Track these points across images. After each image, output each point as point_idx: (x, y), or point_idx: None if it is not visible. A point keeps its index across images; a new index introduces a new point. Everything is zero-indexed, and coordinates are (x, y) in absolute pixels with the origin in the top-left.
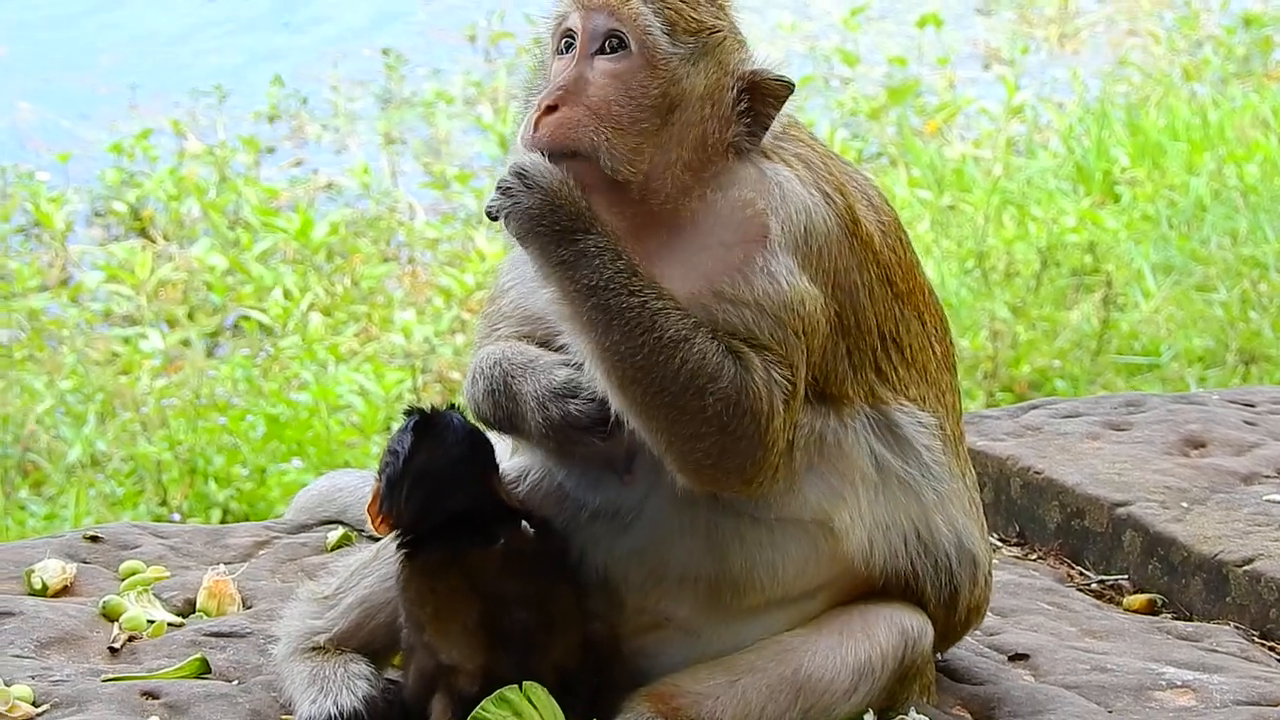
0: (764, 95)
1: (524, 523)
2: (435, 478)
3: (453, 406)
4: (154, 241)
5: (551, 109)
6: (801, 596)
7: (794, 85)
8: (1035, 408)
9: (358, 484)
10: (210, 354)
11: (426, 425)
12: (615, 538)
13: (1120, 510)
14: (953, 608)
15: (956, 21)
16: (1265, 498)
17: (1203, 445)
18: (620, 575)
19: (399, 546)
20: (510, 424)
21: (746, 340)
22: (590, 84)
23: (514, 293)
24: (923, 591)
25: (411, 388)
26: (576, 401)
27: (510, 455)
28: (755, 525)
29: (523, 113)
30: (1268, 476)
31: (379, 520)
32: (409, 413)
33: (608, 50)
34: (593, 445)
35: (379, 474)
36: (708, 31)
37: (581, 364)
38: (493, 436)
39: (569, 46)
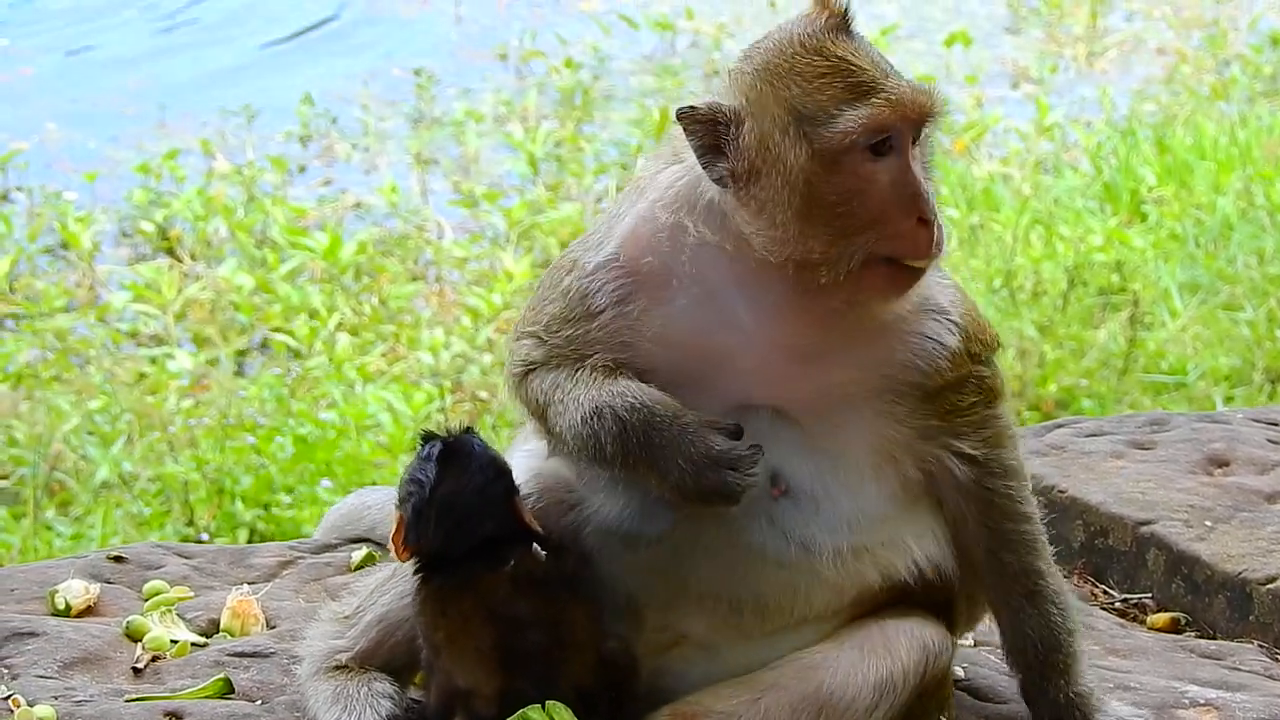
0: None
1: (535, 545)
2: (462, 506)
3: (469, 430)
4: (181, 261)
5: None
6: (829, 616)
7: None
8: (1060, 426)
9: (386, 501)
10: (238, 374)
11: (449, 453)
12: (641, 556)
13: (1144, 529)
14: (968, 602)
15: (985, 40)
16: None
17: (1226, 464)
18: (642, 593)
19: (415, 571)
20: (623, 465)
21: None
22: (922, 177)
23: (612, 321)
24: (949, 596)
25: (440, 408)
26: (734, 475)
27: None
28: (805, 552)
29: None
30: None
31: (404, 550)
32: (427, 439)
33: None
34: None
35: (401, 503)
36: None
37: (733, 429)
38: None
39: (890, 149)
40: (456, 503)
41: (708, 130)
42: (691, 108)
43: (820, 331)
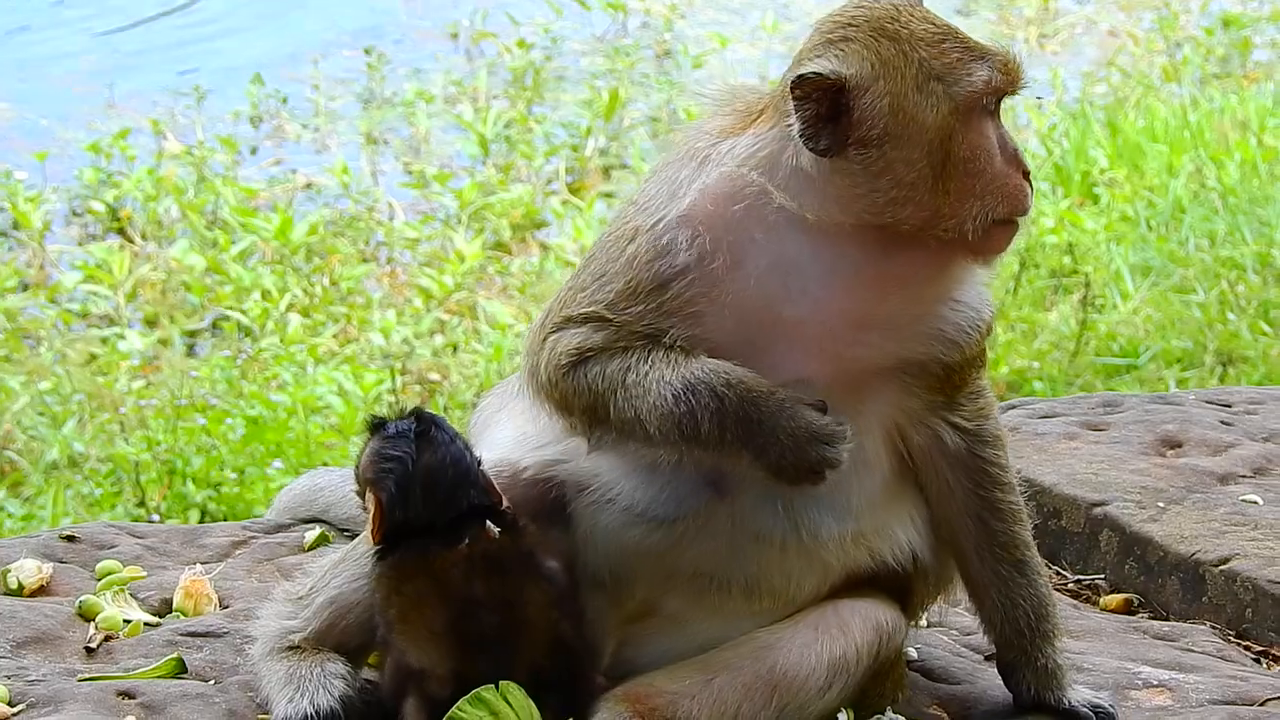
0: None
1: (489, 523)
2: (445, 479)
3: (423, 410)
4: (132, 241)
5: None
6: (812, 599)
7: None
8: (1013, 408)
9: (339, 483)
10: (189, 354)
11: (424, 429)
12: (641, 537)
13: (1097, 510)
14: (932, 585)
15: None
16: (1241, 498)
17: (1179, 445)
18: (637, 571)
19: (376, 549)
20: (718, 443)
21: None
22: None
23: (690, 285)
24: (906, 580)
25: (390, 389)
26: (833, 450)
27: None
28: (811, 538)
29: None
30: (1244, 476)
31: (380, 530)
32: (378, 424)
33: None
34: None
35: (376, 484)
36: None
37: (821, 405)
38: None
39: (996, 108)
40: (439, 475)
41: (827, 97)
42: (816, 73)
43: (884, 300)
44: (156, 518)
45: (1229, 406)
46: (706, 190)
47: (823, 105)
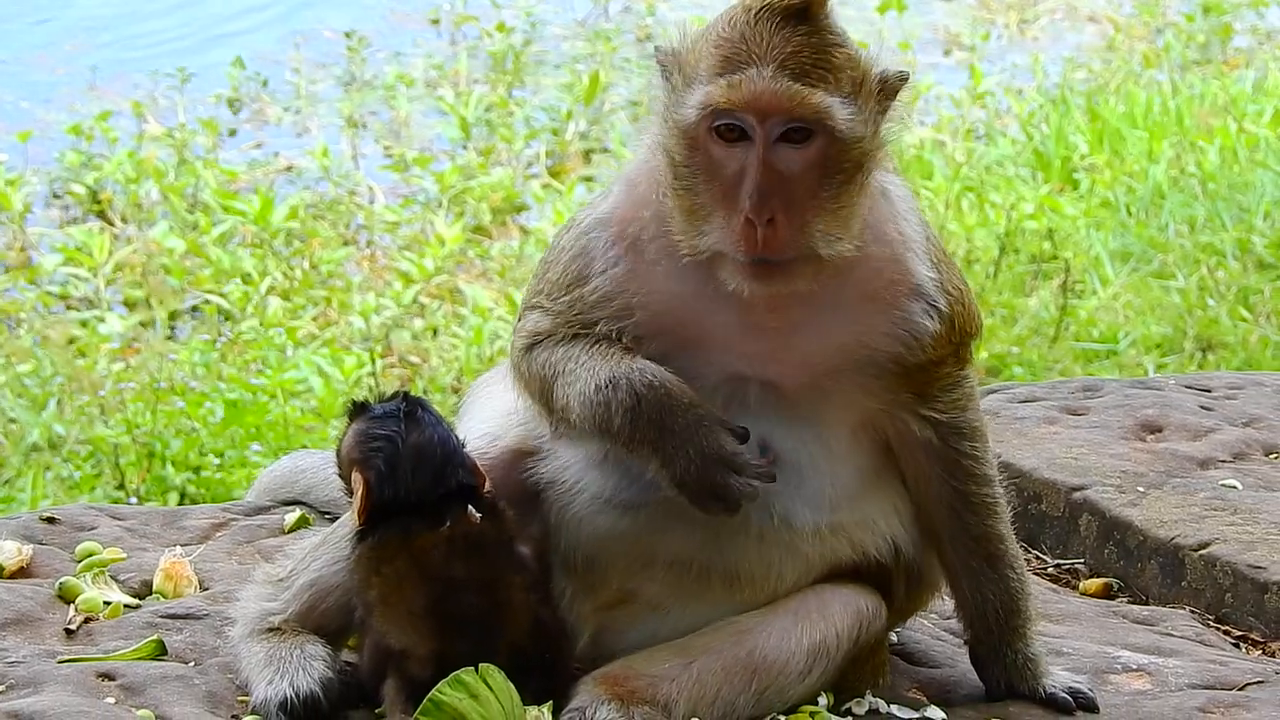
0: (889, 93)
1: (470, 506)
2: (433, 457)
3: (405, 393)
4: (112, 224)
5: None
6: (794, 590)
7: (908, 72)
8: (993, 392)
9: (320, 465)
10: (170, 337)
11: (410, 409)
12: (615, 522)
13: (1077, 495)
14: (912, 585)
15: (917, 6)
16: (1221, 482)
17: (1159, 430)
18: (610, 557)
19: (357, 531)
20: (628, 441)
21: None
22: (787, 176)
23: (607, 284)
24: (887, 571)
25: (370, 372)
26: (738, 479)
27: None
28: (786, 527)
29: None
30: (1223, 461)
31: (366, 510)
32: (359, 408)
33: (794, 141)
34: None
35: (363, 463)
36: (860, 68)
37: (744, 433)
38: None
39: (739, 136)
40: (427, 454)
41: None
42: (658, 46)
43: (787, 306)
44: (135, 500)
45: (1209, 391)
46: (624, 187)
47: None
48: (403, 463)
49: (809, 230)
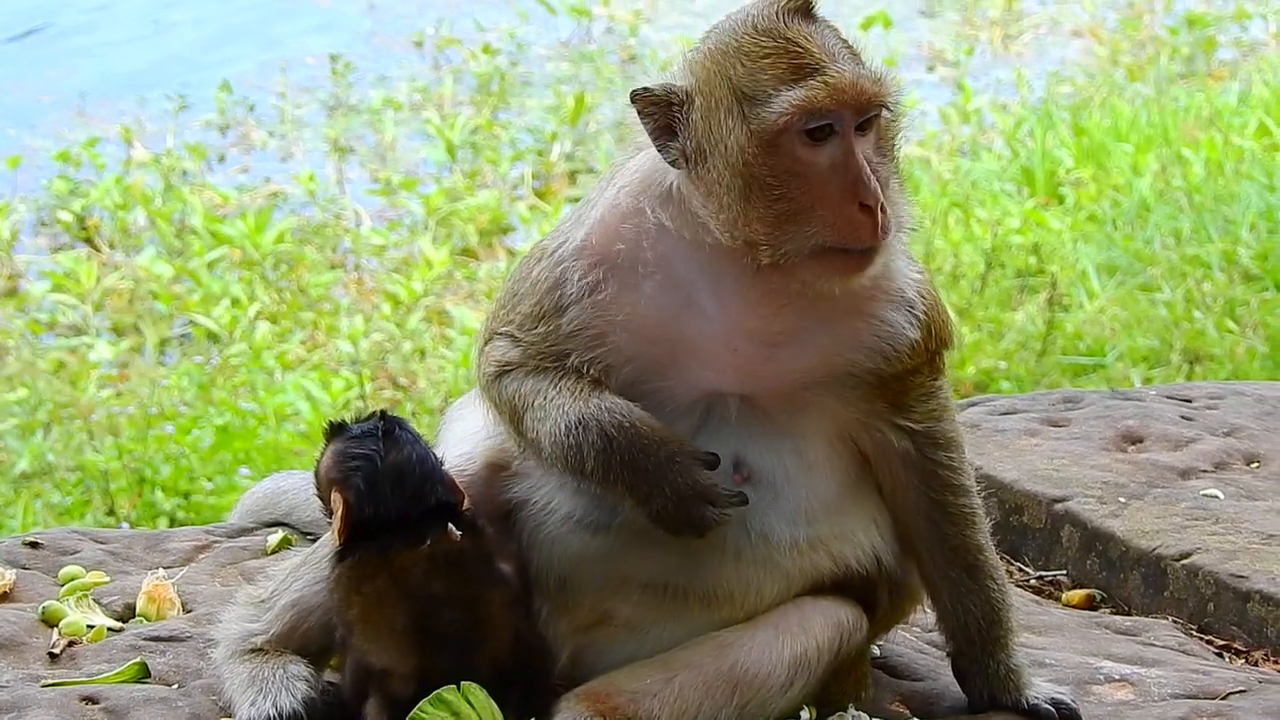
0: None
1: (450, 524)
2: (412, 474)
3: (383, 413)
4: (100, 250)
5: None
6: (770, 606)
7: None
8: (974, 405)
9: (302, 486)
10: (159, 363)
11: (388, 428)
12: (587, 542)
13: (1058, 506)
14: (894, 596)
15: (900, 24)
16: (1202, 492)
17: (1140, 441)
18: (583, 578)
19: (336, 550)
20: (601, 481)
21: None
22: (867, 163)
23: (583, 312)
24: (869, 583)
25: (359, 395)
26: (713, 510)
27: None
28: (764, 543)
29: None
30: (1205, 471)
31: (346, 529)
32: (338, 428)
33: (862, 130)
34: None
35: (343, 483)
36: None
37: (714, 461)
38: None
39: (828, 134)
40: (406, 472)
41: (661, 111)
42: (645, 89)
43: (781, 316)
44: (126, 526)
45: (1189, 402)
46: (599, 217)
47: (660, 119)
48: (382, 481)
49: (893, 211)
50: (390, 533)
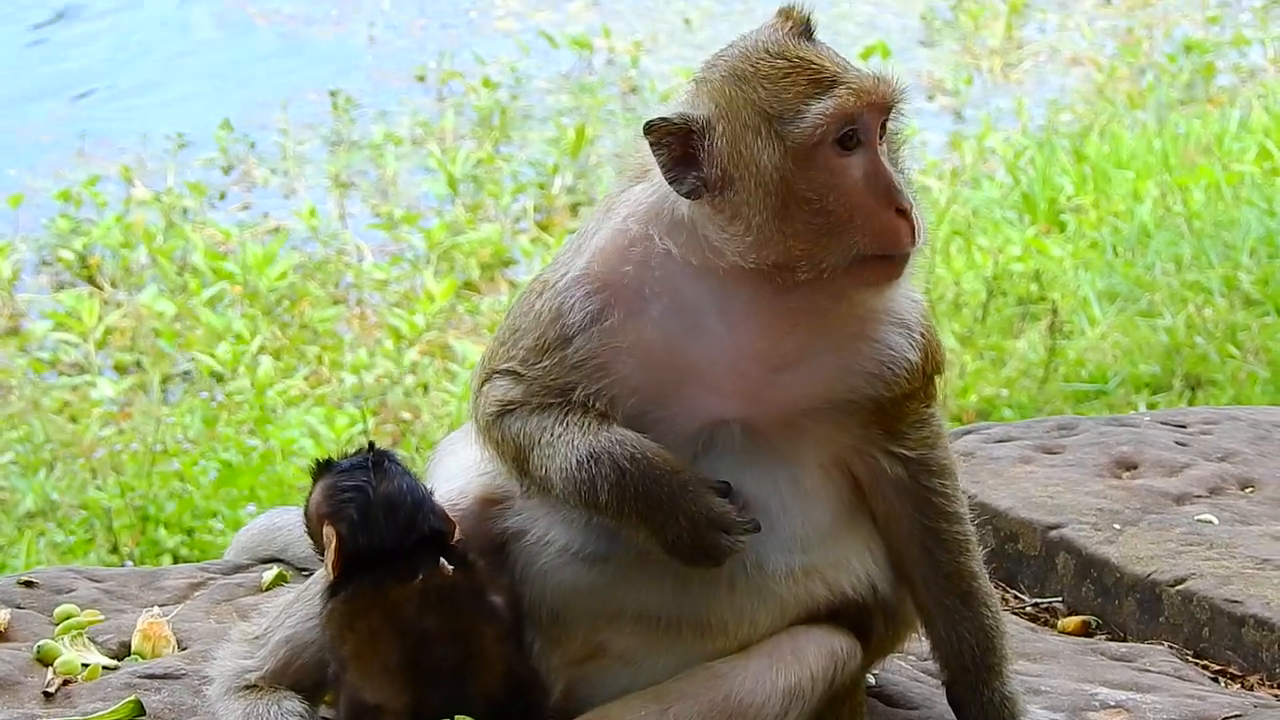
0: None
1: (442, 559)
2: (404, 505)
3: (371, 445)
4: (101, 289)
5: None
6: (764, 636)
7: None
8: (969, 433)
9: (296, 522)
10: (162, 400)
11: (377, 460)
12: (580, 574)
13: (1053, 533)
14: (890, 624)
15: (900, 53)
16: (1197, 518)
17: (1134, 467)
18: (576, 611)
19: (328, 586)
20: (616, 514)
21: None
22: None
23: (588, 341)
24: (864, 612)
25: (362, 430)
26: (728, 538)
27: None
28: (759, 572)
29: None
30: (1199, 497)
31: (339, 562)
32: (325, 465)
33: (880, 137)
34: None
35: (334, 515)
36: None
37: (725, 489)
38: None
39: (855, 142)
40: (398, 502)
41: (678, 141)
42: (662, 119)
43: (791, 337)
44: (130, 564)
45: (1184, 427)
46: (602, 245)
47: (675, 149)
48: (374, 511)
49: (922, 216)
50: (382, 567)
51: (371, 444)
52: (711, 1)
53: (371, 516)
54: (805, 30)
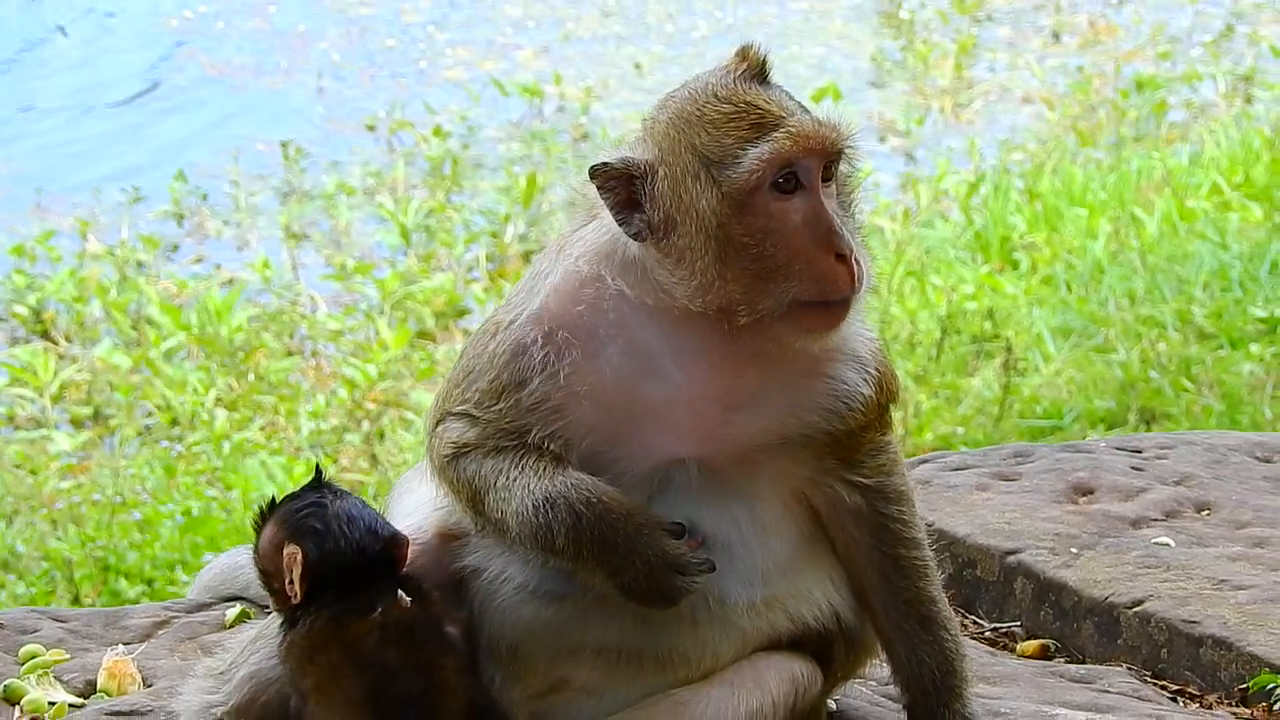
0: None
1: (400, 591)
2: (360, 518)
3: (317, 468)
4: (56, 343)
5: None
6: (726, 667)
7: None
8: (925, 462)
9: None
10: (119, 453)
11: (322, 482)
12: (540, 611)
13: (1011, 559)
14: (851, 650)
15: (850, 95)
16: (1153, 541)
17: (1091, 492)
18: (535, 646)
19: (289, 613)
20: (573, 558)
21: None
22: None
23: (543, 382)
24: (825, 638)
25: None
26: (684, 579)
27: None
28: (720, 606)
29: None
30: (1155, 520)
31: (305, 582)
32: (273, 504)
33: (825, 180)
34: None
35: (295, 538)
36: None
37: (680, 530)
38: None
39: (795, 186)
40: (355, 512)
41: (622, 185)
42: (604, 164)
43: (744, 379)
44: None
45: (1140, 452)
46: (556, 284)
47: (620, 193)
48: (334, 523)
49: (864, 263)
50: (340, 602)
51: (318, 466)
52: (662, 46)
53: (332, 528)
54: (760, 73)
